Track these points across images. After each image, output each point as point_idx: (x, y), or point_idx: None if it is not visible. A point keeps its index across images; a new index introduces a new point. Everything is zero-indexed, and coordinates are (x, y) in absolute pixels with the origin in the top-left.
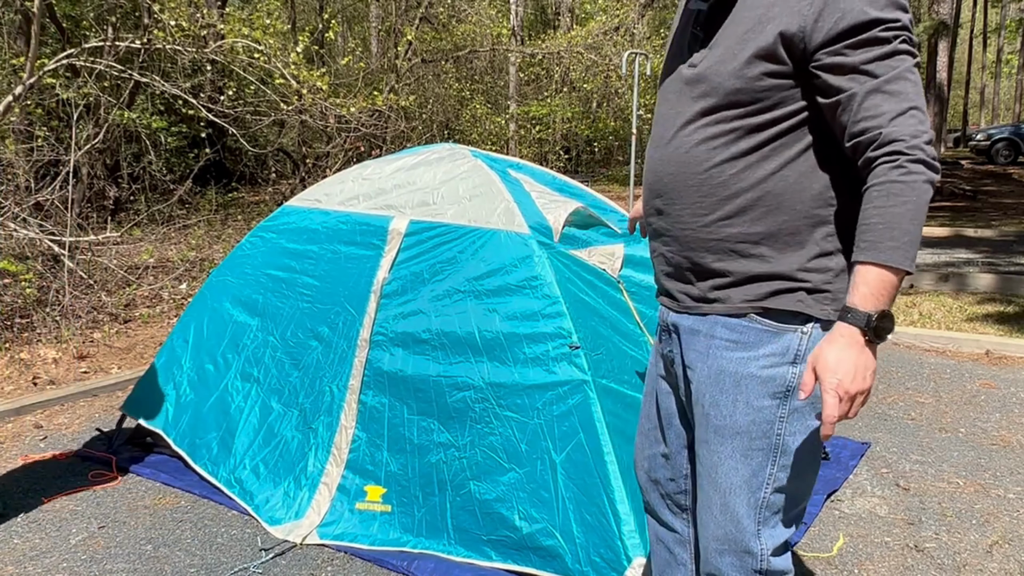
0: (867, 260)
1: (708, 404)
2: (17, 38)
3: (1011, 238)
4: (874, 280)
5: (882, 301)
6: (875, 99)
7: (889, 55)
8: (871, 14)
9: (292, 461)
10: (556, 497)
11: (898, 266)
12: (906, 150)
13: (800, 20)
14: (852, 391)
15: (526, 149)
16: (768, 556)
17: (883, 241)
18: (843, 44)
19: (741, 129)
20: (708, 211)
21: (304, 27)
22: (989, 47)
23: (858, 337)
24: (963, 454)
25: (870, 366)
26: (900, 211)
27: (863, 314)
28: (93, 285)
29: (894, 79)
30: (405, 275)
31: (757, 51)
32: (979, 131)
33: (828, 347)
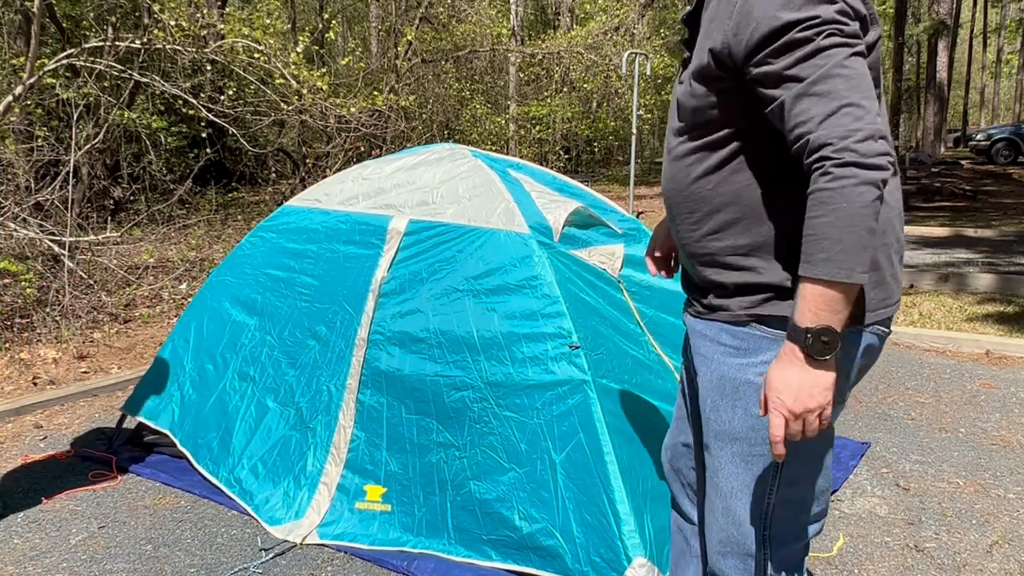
0: (803, 274)
1: (709, 408)
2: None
3: (1011, 238)
4: (810, 295)
5: (822, 316)
6: (803, 104)
7: (811, 54)
8: (783, 18)
9: (291, 461)
10: (556, 497)
11: (831, 279)
12: (832, 154)
13: (723, 36)
14: (796, 411)
15: (526, 149)
16: (773, 561)
17: (814, 254)
18: (764, 54)
19: (705, 146)
20: (697, 226)
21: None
22: (989, 47)
23: (799, 354)
24: (963, 454)
25: (818, 383)
26: (828, 220)
27: (801, 330)
28: (93, 285)
29: (820, 79)
30: (404, 274)
31: (697, 70)
32: (979, 131)
33: (774, 365)
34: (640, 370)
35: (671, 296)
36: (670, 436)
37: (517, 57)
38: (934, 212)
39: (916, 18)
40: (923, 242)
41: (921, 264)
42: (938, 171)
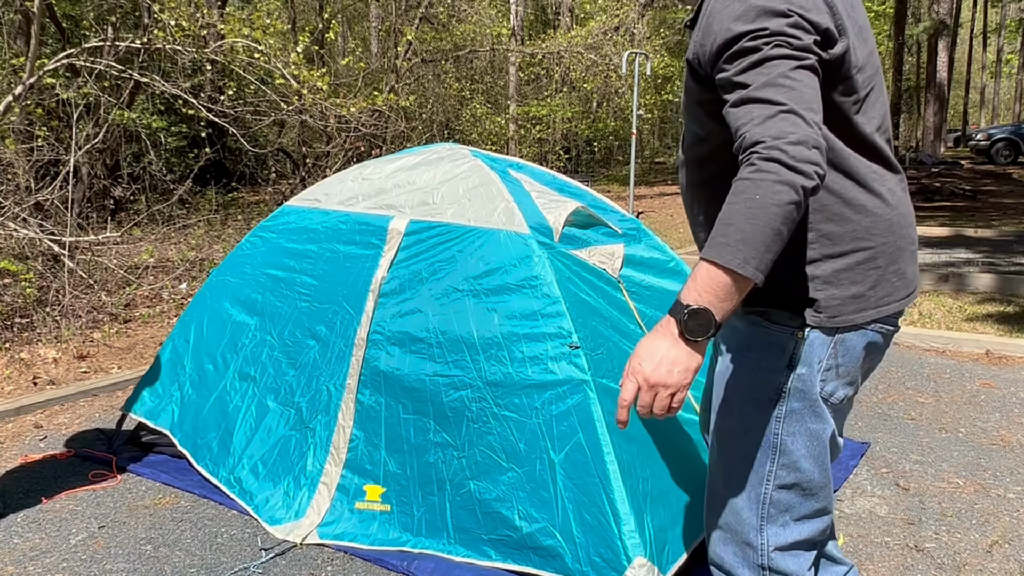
0: (702, 255)
1: (716, 399)
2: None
3: (1011, 238)
4: (702, 275)
5: (705, 298)
6: (745, 107)
7: (758, 63)
8: (735, 29)
9: (291, 460)
10: (555, 497)
11: (724, 264)
12: (761, 149)
13: (695, 48)
14: (651, 380)
15: (526, 149)
16: (770, 552)
17: (715, 237)
18: (721, 62)
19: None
20: (703, 229)
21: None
22: (989, 47)
23: (673, 328)
24: (963, 454)
25: (680, 361)
26: (738, 208)
27: (681, 306)
28: (93, 285)
29: (764, 85)
30: (404, 274)
31: (685, 82)
32: (979, 131)
33: (647, 336)
34: None
35: (671, 296)
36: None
37: (517, 57)
38: (934, 212)
39: (916, 18)
40: (923, 242)
41: (921, 264)
42: (938, 171)
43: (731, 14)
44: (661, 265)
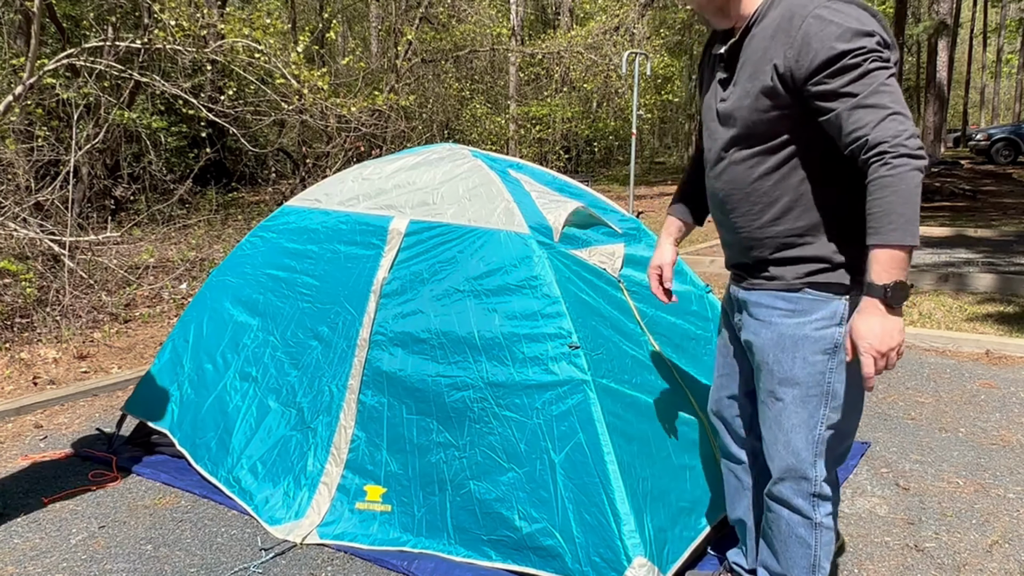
0: (875, 243)
1: (772, 361)
2: (17, 38)
3: (1011, 238)
4: (884, 258)
5: (894, 274)
6: (858, 113)
7: (862, 75)
8: (838, 48)
9: (291, 461)
10: (555, 497)
11: (900, 243)
12: (889, 148)
13: (785, 61)
14: (882, 350)
15: (526, 149)
16: (821, 482)
17: (884, 227)
18: (823, 75)
19: (763, 151)
20: (758, 216)
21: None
22: (989, 47)
23: (879, 306)
24: (963, 454)
25: (896, 326)
26: (893, 199)
27: (879, 287)
28: (93, 285)
29: (871, 94)
30: (405, 275)
31: (763, 89)
32: (979, 131)
33: (858, 318)
34: (640, 370)
35: None
36: (714, 393)
37: (517, 57)
38: (934, 212)
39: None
40: (923, 242)
41: (921, 264)
42: (938, 171)
43: (831, 35)
44: None
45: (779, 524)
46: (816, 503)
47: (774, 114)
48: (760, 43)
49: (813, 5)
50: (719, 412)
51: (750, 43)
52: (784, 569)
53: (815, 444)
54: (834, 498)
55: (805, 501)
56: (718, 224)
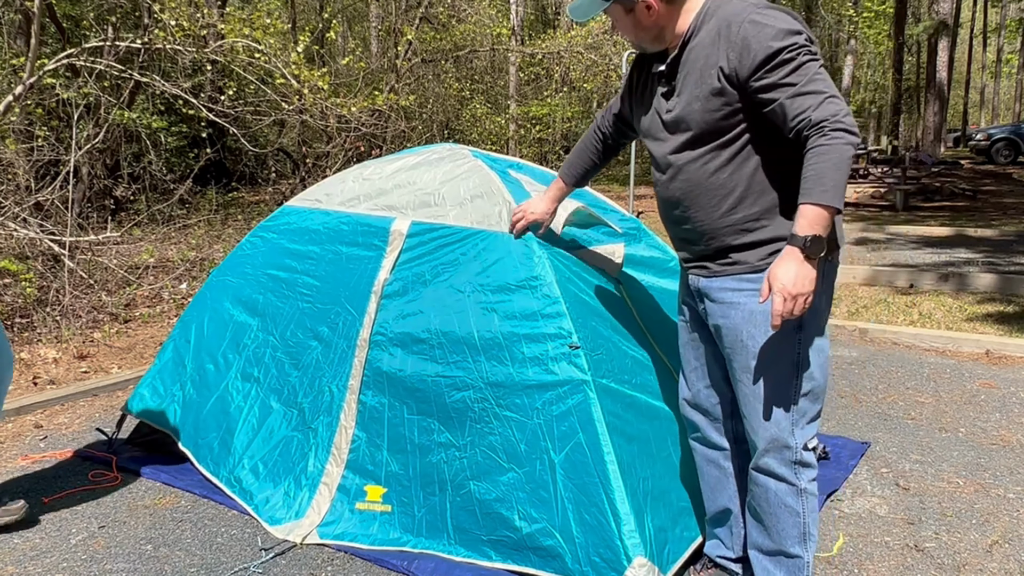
0: (805, 201)
1: (746, 337)
2: (17, 38)
3: (1011, 238)
4: (810, 214)
5: (816, 229)
6: (799, 100)
7: (797, 68)
8: (774, 46)
9: (292, 461)
10: (555, 497)
11: (827, 203)
12: (828, 124)
13: (729, 63)
14: (793, 292)
15: (526, 149)
16: (800, 449)
17: (815, 188)
18: (763, 71)
19: (716, 147)
20: (717, 207)
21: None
22: (989, 47)
23: (798, 254)
24: (963, 454)
25: (809, 275)
26: (825, 165)
27: (801, 238)
28: (93, 285)
29: (807, 83)
30: (407, 276)
31: (711, 91)
32: (979, 131)
33: (777, 263)
34: (640, 370)
35: (671, 296)
36: (686, 388)
37: (517, 57)
38: (934, 212)
39: (916, 18)
40: (923, 242)
41: (921, 264)
42: (938, 171)
43: (767, 36)
44: (661, 265)
45: (767, 497)
46: (798, 470)
47: (724, 111)
48: (700, 52)
49: (747, 13)
50: (697, 403)
51: (689, 55)
52: (776, 543)
53: (792, 413)
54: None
55: (788, 469)
56: (672, 223)
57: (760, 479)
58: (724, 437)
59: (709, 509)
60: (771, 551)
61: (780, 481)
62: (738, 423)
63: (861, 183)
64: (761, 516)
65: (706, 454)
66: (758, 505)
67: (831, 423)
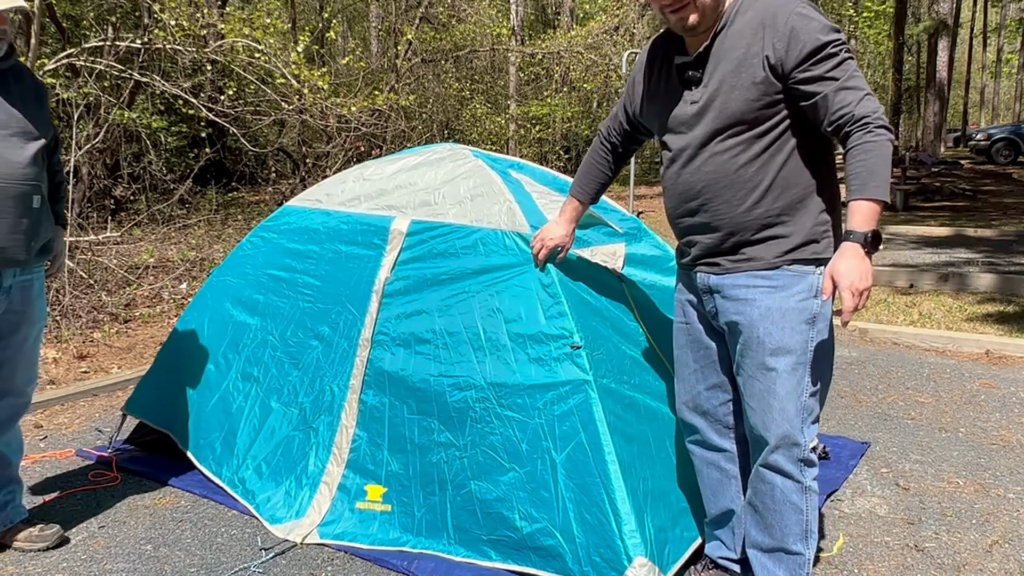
0: (859, 197)
1: (763, 333)
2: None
3: (1011, 238)
4: (866, 210)
5: (872, 224)
6: (842, 94)
7: (841, 63)
8: (822, 39)
9: (293, 460)
10: (556, 497)
11: (880, 198)
12: (871, 120)
13: (775, 52)
14: (860, 288)
15: (526, 149)
16: (807, 447)
17: (868, 184)
18: (809, 63)
19: (749, 138)
20: (742, 201)
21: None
22: (989, 47)
23: (860, 251)
24: (963, 454)
25: (870, 269)
26: (875, 161)
27: (861, 234)
28: (93, 285)
29: (849, 78)
30: (407, 275)
31: (754, 80)
32: (979, 131)
33: (839, 260)
34: (640, 370)
35: (672, 295)
36: (689, 389)
37: (517, 57)
38: (934, 212)
39: (916, 18)
40: (923, 242)
41: (921, 264)
42: (938, 171)
43: (815, 29)
44: (662, 264)
45: (773, 494)
46: (803, 468)
47: (764, 100)
48: (738, 42)
49: (792, 6)
50: (697, 406)
51: (722, 45)
52: (778, 541)
53: (801, 411)
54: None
55: (795, 467)
56: (685, 215)
57: (768, 476)
58: (725, 439)
59: (710, 511)
60: (771, 548)
61: (787, 478)
62: (742, 424)
63: None
64: (764, 513)
65: (706, 457)
66: (761, 502)
67: (831, 423)
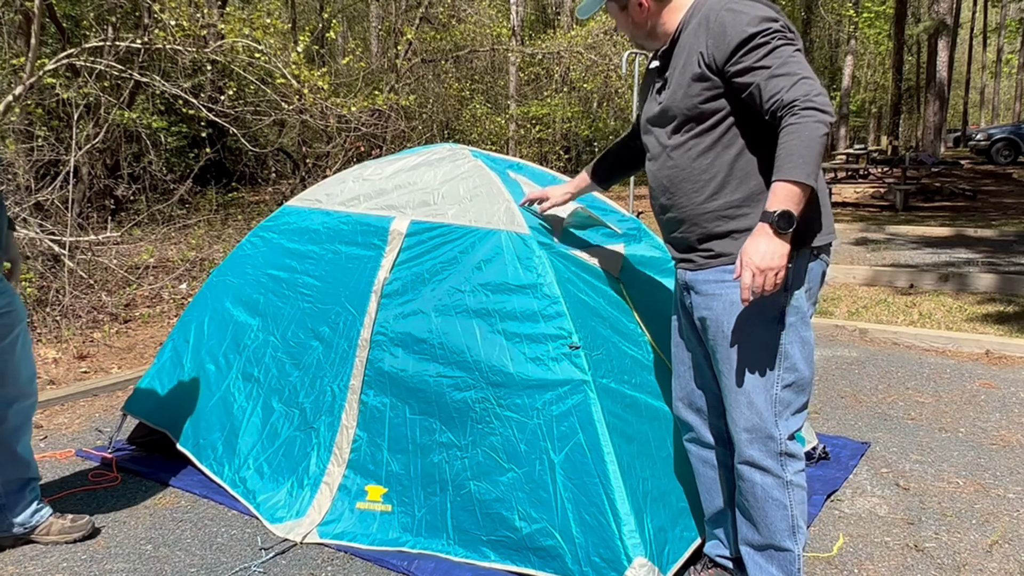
0: (776, 178)
1: (727, 327)
2: (17, 38)
3: (1011, 238)
4: (780, 191)
5: (785, 204)
6: (773, 82)
7: (771, 51)
8: (748, 31)
9: (295, 461)
10: (555, 497)
11: (796, 179)
12: (799, 103)
13: (708, 49)
14: (761, 267)
15: (526, 149)
16: (786, 440)
17: (785, 165)
18: (739, 55)
19: (699, 132)
20: (699, 192)
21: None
22: (989, 47)
23: (768, 230)
24: (963, 454)
25: (779, 250)
26: (796, 143)
27: (770, 213)
28: (93, 285)
29: (781, 64)
30: (406, 275)
31: (693, 76)
32: (979, 131)
33: (748, 239)
34: (640, 370)
35: (671, 296)
36: (683, 386)
37: (517, 57)
38: (934, 212)
39: (916, 18)
40: (923, 242)
41: (921, 264)
42: (938, 171)
43: (741, 22)
44: (661, 265)
45: (754, 491)
46: (784, 461)
47: (704, 95)
48: (687, 41)
49: (724, 3)
50: (692, 403)
51: (677, 49)
52: (766, 538)
53: (774, 403)
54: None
55: (774, 461)
56: (660, 211)
57: (745, 472)
58: (716, 436)
59: (707, 510)
60: (761, 546)
61: (766, 473)
62: (723, 421)
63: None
64: (749, 511)
65: (701, 455)
66: (745, 500)
67: (831, 423)
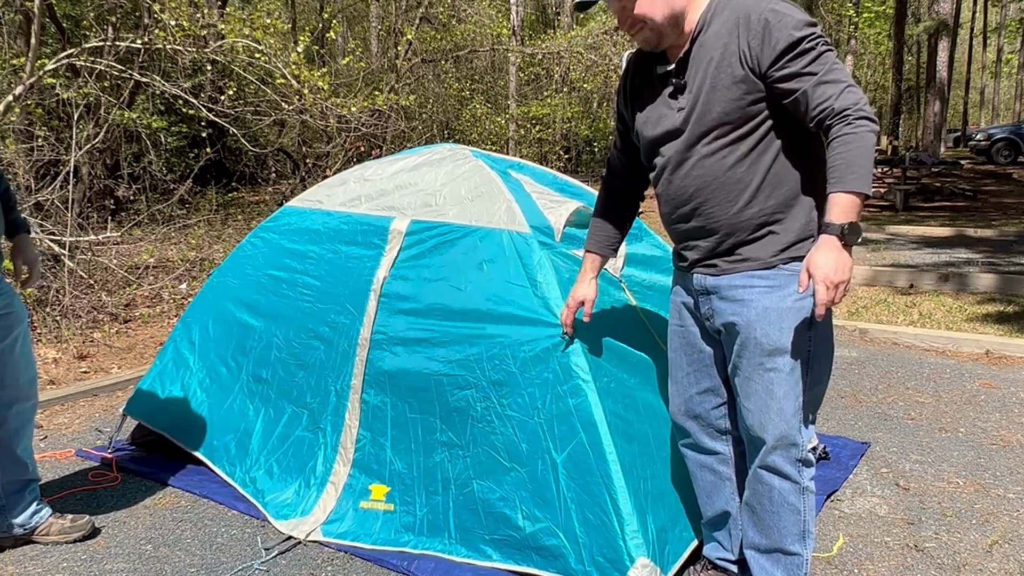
0: (837, 189)
1: (760, 335)
2: (17, 38)
3: (1011, 238)
4: (843, 202)
5: (850, 216)
6: (821, 88)
7: (817, 57)
8: (795, 35)
9: (303, 460)
10: (558, 497)
11: (858, 191)
12: (851, 112)
13: (751, 50)
14: (835, 280)
15: (526, 149)
16: (805, 447)
17: (846, 176)
18: (785, 60)
19: (736, 138)
20: (734, 201)
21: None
22: (989, 47)
23: (836, 243)
24: (963, 454)
25: (848, 263)
26: (854, 153)
27: (838, 226)
28: (93, 285)
29: (827, 71)
30: (404, 274)
31: (733, 79)
32: (979, 131)
33: (815, 252)
34: (642, 370)
35: None
36: (682, 392)
37: (517, 57)
38: (934, 212)
39: (916, 18)
40: (923, 242)
41: (921, 264)
42: (938, 171)
43: (788, 25)
44: (663, 264)
45: (771, 495)
46: (801, 468)
47: (746, 99)
48: (715, 43)
49: (764, 4)
50: (689, 410)
51: (699, 49)
52: (775, 542)
53: (799, 411)
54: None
55: (794, 467)
56: (680, 221)
57: (766, 477)
58: (717, 442)
59: (706, 513)
60: (768, 549)
61: (785, 479)
62: (736, 427)
63: None
64: (762, 514)
65: (698, 459)
66: (759, 503)
67: (831, 423)
